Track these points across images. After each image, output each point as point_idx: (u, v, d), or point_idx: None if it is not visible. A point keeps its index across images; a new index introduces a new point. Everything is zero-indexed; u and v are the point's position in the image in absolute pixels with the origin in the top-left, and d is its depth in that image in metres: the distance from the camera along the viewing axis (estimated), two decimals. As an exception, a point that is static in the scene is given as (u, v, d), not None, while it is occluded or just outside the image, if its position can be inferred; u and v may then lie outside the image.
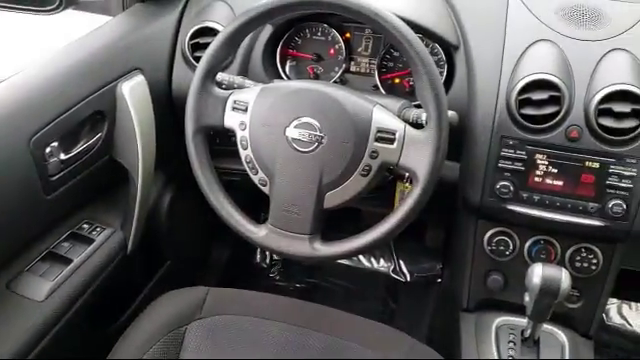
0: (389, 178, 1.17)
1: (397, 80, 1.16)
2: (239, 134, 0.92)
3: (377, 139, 0.85)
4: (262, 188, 0.92)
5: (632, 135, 0.93)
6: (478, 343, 1.07)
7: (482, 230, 1.09)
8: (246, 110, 0.91)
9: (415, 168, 0.84)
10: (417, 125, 0.87)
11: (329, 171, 0.87)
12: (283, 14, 0.89)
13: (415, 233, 1.80)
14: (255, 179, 0.93)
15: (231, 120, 0.92)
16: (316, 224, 0.89)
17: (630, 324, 1.69)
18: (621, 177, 0.95)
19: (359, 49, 1.18)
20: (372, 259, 1.88)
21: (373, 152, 0.86)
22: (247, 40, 1.13)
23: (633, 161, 0.94)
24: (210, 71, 0.92)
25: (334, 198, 0.88)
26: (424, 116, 0.85)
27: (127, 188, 1.14)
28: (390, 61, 1.16)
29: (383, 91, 1.15)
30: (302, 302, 1.07)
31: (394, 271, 1.85)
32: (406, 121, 0.88)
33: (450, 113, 0.90)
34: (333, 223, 1.05)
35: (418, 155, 0.84)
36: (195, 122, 0.93)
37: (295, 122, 0.87)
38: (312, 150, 0.87)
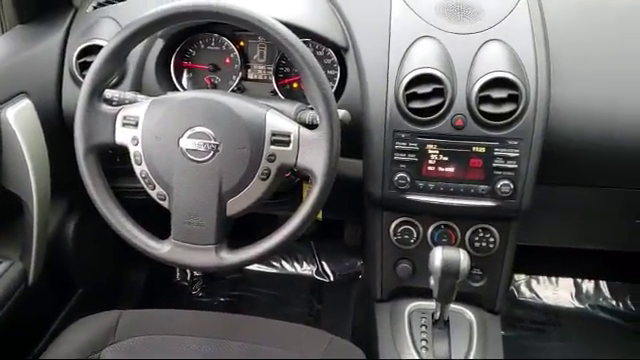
0: (295, 181, 1.19)
1: (295, 85, 1.18)
2: (132, 150, 0.90)
3: (273, 142, 0.87)
4: (161, 203, 0.91)
5: (511, 119, 1.00)
6: (393, 331, 1.11)
7: (387, 221, 1.13)
8: (137, 125, 0.90)
9: (312, 167, 0.87)
10: (313, 126, 0.89)
11: (228, 178, 0.87)
12: (164, 27, 0.89)
13: (335, 233, 1.84)
14: (153, 194, 0.91)
15: (122, 136, 0.91)
16: (221, 233, 0.89)
17: (540, 297, 1.81)
18: (506, 159, 1.02)
19: (255, 56, 1.20)
20: (295, 263, 1.90)
21: (270, 155, 0.87)
22: (138, 54, 1.11)
23: (515, 143, 1.01)
24: (96, 88, 0.90)
25: (236, 205, 0.89)
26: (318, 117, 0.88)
27: (23, 217, 1.09)
28: (286, 66, 1.18)
29: (282, 96, 1.17)
30: (222, 314, 1.07)
31: (317, 273, 1.87)
32: (302, 123, 0.90)
33: (342, 112, 0.93)
34: (250, 230, 1.05)
35: (313, 155, 0.86)
36: (85, 142, 0.91)
37: (188, 132, 0.87)
38: (208, 159, 0.87)
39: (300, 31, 1.06)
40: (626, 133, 1.05)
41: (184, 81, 1.20)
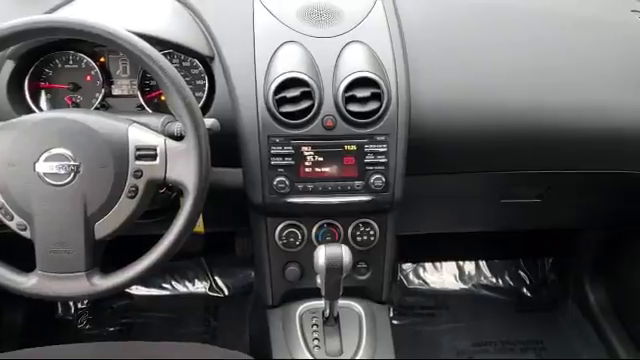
0: (172, 196, 1.15)
1: (162, 97, 1.14)
2: None
3: (138, 157, 0.84)
4: (22, 233, 0.85)
5: (377, 116, 1.04)
6: (285, 335, 1.11)
7: (272, 227, 1.13)
8: None
9: (183, 180, 0.85)
10: (181, 138, 0.87)
11: (93, 200, 0.83)
12: (7, 46, 0.83)
13: (225, 246, 1.81)
14: (12, 225, 0.85)
15: None
16: (91, 258, 0.85)
17: (427, 283, 1.90)
18: (376, 154, 1.06)
19: (117, 72, 1.15)
20: (187, 282, 1.85)
21: (137, 171, 0.84)
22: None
23: (383, 138, 1.05)
24: None
25: (105, 227, 0.85)
26: None
27: None
28: (152, 80, 1.14)
29: (149, 110, 1.14)
30: (109, 344, 1.02)
31: (211, 289, 1.83)
32: (170, 135, 0.88)
33: (210, 121, 0.93)
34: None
35: (183, 167, 0.84)
36: None
37: (45, 155, 0.82)
38: (69, 182, 0.82)
39: (162, 43, 1.04)
40: (481, 121, 1.13)
41: (42, 103, 1.13)
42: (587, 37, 1.18)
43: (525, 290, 1.87)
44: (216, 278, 1.84)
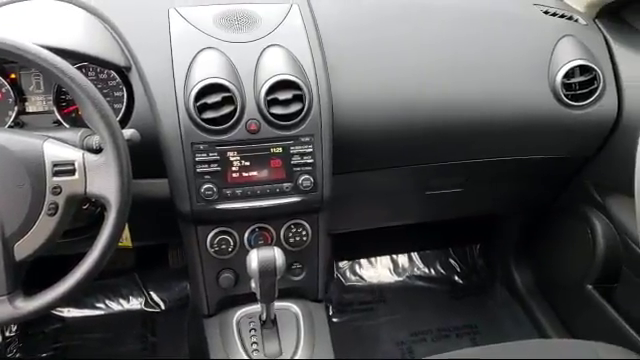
0: (97, 212, 1.12)
1: (80, 112, 1.11)
2: None
3: (55, 173, 0.81)
4: None
5: (300, 117, 1.05)
6: (224, 344, 1.11)
7: (202, 235, 1.13)
8: None
9: (104, 193, 0.83)
10: (100, 151, 0.85)
11: (10, 220, 0.80)
12: None
13: (159, 259, 1.77)
14: None
15: None
16: (12, 281, 0.81)
17: (364, 279, 1.93)
18: (302, 155, 1.07)
19: (30, 88, 1.11)
20: (121, 300, 1.79)
21: (55, 188, 0.81)
22: None
23: (307, 139, 1.07)
24: None
25: (25, 247, 0.82)
26: None
27: None
28: (67, 94, 1.11)
29: (67, 125, 1.10)
30: None
31: (147, 304, 1.79)
32: (89, 149, 0.86)
33: (129, 132, 0.91)
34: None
35: (103, 180, 0.82)
36: None
37: None
38: None
39: (75, 56, 1.02)
40: (401, 118, 1.17)
41: (-52, 124, 1.07)
42: (495, 31, 1.25)
43: (456, 277, 1.95)
44: (151, 293, 1.80)
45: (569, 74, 1.20)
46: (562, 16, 1.31)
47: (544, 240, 1.68)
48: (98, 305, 1.77)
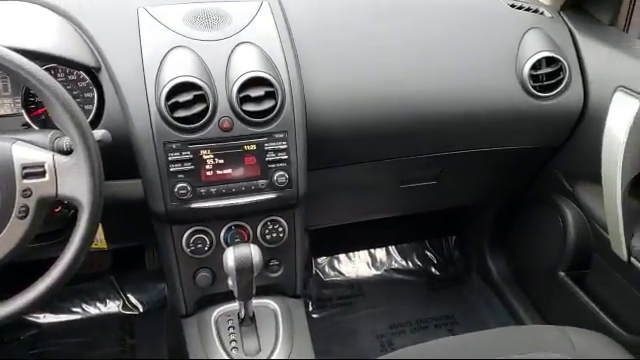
0: (70, 214, 1.11)
1: (49, 113, 1.10)
2: None
3: (25, 176, 0.80)
4: None
5: (273, 114, 1.05)
6: (202, 343, 1.10)
7: (178, 234, 1.12)
8: None
9: (76, 195, 0.82)
10: (70, 152, 0.84)
11: None
12: None
13: (135, 261, 1.76)
14: None
15: None
16: (-17, 287, 0.80)
17: (343, 274, 1.95)
18: (277, 152, 1.07)
19: None
20: (98, 304, 1.77)
21: (25, 190, 0.80)
22: None
23: (281, 135, 1.07)
24: None
25: None
26: None
27: None
28: (36, 96, 1.09)
29: (37, 128, 1.09)
30: None
31: (125, 307, 1.77)
32: (60, 151, 0.85)
33: (100, 132, 0.90)
34: None
35: (74, 181, 0.82)
36: None
37: None
38: None
39: (43, 57, 1.00)
40: (374, 114, 1.18)
41: None
42: (463, 26, 1.27)
43: (433, 269, 1.97)
44: (129, 295, 1.78)
45: (536, 66, 1.23)
46: (528, 9, 1.34)
47: (517, 229, 1.71)
48: (75, 310, 1.75)
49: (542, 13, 1.33)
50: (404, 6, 1.27)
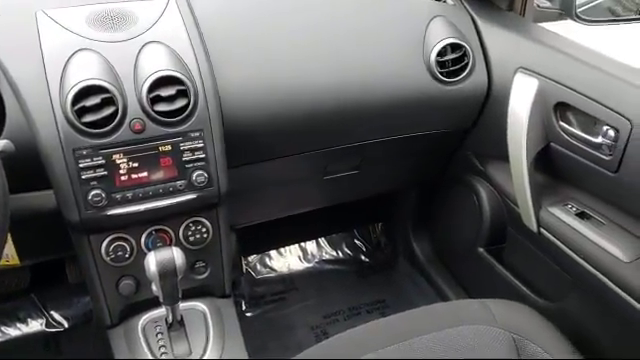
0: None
1: None
2: None
3: None
4: None
5: (187, 113, 1.04)
6: (130, 351, 1.08)
7: (96, 244, 1.09)
8: None
9: None
10: None
11: None
12: None
13: (56, 275, 1.68)
14: None
15: None
16: None
17: (275, 270, 1.95)
18: (193, 151, 1.06)
19: None
20: (18, 324, 1.68)
21: None
22: None
23: (197, 134, 1.06)
24: None
25: None
26: None
27: None
28: None
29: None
30: None
31: (48, 325, 1.69)
32: None
33: (2, 142, 0.86)
34: None
35: None
36: None
37: None
38: None
39: None
40: (289, 107, 1.19)
41: None
42: (370, 15, 1.29)
43: (363, 257, 2.01)
44: (52, 312, 1.70)
45: (442, 52, 1.27)
46: (432, -2, 1.38)
47: (437, 211, 1.78)
48: (-8, 333, 1.65)
49: (445, 1, 1.39)
50: None
